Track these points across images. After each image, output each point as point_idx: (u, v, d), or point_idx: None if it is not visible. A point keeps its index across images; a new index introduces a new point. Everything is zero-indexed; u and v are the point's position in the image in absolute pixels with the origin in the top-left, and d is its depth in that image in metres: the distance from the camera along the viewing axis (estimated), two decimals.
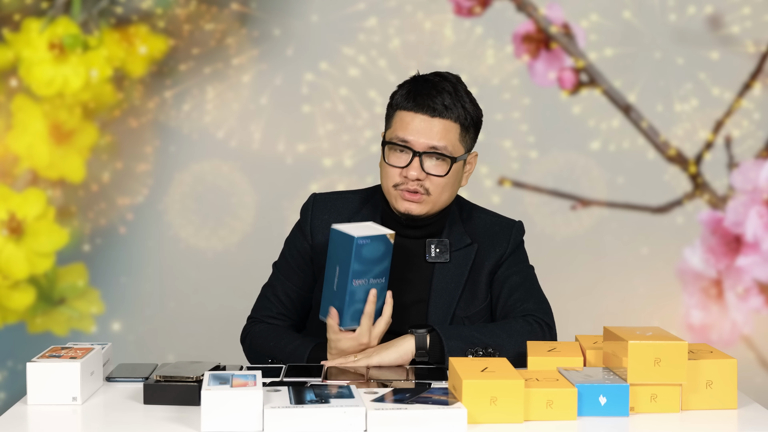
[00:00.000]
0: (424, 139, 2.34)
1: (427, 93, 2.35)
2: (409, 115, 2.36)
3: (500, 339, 2.27)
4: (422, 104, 2.35)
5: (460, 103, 2.36)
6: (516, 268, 2.47)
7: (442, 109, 2.34)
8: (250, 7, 3.87)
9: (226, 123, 3.89)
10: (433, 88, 2.36)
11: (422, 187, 2.35)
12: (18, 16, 3.85)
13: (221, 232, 3.90)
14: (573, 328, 2.67)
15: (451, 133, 2.35)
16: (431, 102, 2.34)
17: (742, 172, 3.91)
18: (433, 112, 2.34)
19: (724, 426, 1.92)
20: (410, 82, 2.41)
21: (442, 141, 2.34)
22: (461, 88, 2.40)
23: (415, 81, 2.40)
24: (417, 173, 2.34)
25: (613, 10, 3.90)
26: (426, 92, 2.36)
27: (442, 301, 2.42)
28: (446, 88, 2.36)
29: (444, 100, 2.34)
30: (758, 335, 3.94)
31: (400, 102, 2.39)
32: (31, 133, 3.87)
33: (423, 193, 2.36)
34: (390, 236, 2.22)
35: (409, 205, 2.37)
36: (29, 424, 1.88)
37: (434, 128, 2.34)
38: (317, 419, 1.78)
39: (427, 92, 2.36)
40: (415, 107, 2.35)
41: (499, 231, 2.49)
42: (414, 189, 2.35)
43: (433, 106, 2.34)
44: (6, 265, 3.87)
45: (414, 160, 2.34)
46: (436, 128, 2.34)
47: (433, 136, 2.34)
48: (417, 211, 2.37)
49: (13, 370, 3.89)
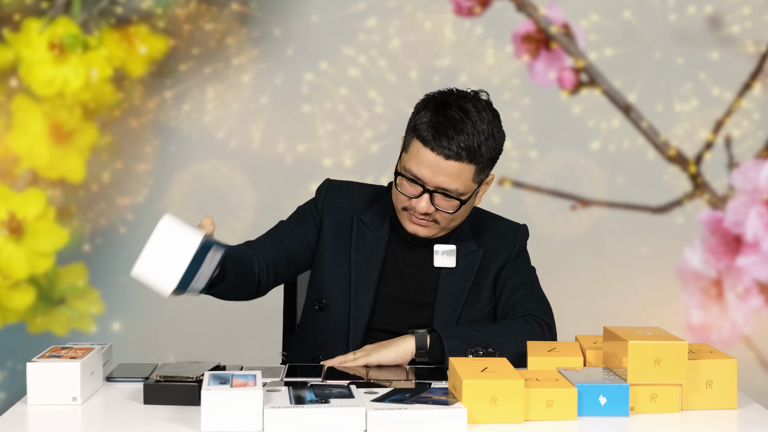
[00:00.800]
0: (436, 179, 2.28)
1: (445, 132, 2.26)
2: (425, 150, 2.28)
3: (500, 339, 2.27)
4: (439, 143, 2.26)
5: (478, 144, 2.27)
6: (518, 269, 2.48)
7: (458, 152, 2.26)
8: (250, 7, 3.87)
9: (226, 123, 3.89)
10: (453, 127, 2.26)
11: (431, 217, 2.35)
12: (18, 16, 3.85)
13: (221, 232, 3.88)
14: (573, 328, 2.67)
15: (464, 174, 2.29)
16: (447, 143, 2.26)
17: (742, 172, 3.91)
18: (448, 154, 2.26)
19: (724, 426, 1.92)
20: (433, 110, 2.30)
21: (454, 184, 2.29)
22: (485, 121, 2.30)
23: (438, 111, 2.29)
24: (426, 208, 2.32)
25: (613, 10, 3.90)
26: (444, 131, 2.26)
27: (448, 306, 2.43)
28: (466, 129, 2.27)
29: (461, 142, 2.26)
30: (758, 335, 3.94)
31: (419, 130, 2.29)
32: (31, 133, 3.87)
33: (431, 221, 2.36)
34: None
35: (416, 228, 2.37)
36: (29, 424, 1.88)
37: (447, 169, 2.28)
38: (317, 419, 1.78)
39: (445, 131, 2.26)
40: (432, 144, 2.27)
41: (505, 235, 2.50)
42: (422, 217, 2.35)
43: (449, 147, 2.26)
44: (6, 265, 3.87)
45: (424, 195, 2.31)
46: (449, 169, 2.28)
47: (444, 178, 2.28)
48: (424, 233, 2.38)
49: (13, 370, 3.89)
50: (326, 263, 2.46)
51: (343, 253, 2.45)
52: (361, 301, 2.43)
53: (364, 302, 2.43)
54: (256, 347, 3.70)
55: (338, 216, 2.47)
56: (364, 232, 2.45)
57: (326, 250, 2.46)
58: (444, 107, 2.30)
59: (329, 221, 2.46)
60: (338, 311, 2.44)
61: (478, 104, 2.32)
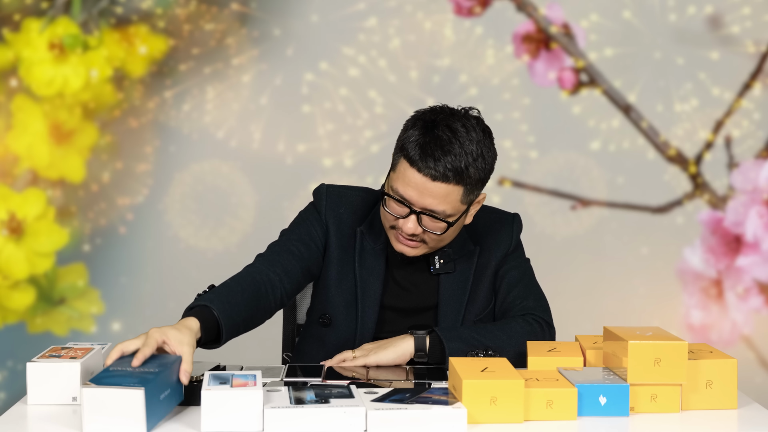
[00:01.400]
0: (423, 201, 2.24)
1: (432, 153, 2.20)
2: (411, 171, 2.23)
3: (500, 340, 2.26)
4: (425, 164, 2.21)
5: (466, 165, 2.22)
6: (515, 263, 2.47)
7: (444, 173, 2.21)
8: (250, 7, 3.87)
9: (226, 123, 3.89)
10: (440, 148, 2.21)
11: (418, 238, 2.31)
12: (18, 16, 3.85)
13: (221, 232, 3.90)
14: (573, 328, 2.67)
15: (452, 196, 2.24)
16: (434, 164, 2.20)
17: (742, 172, 3.91)
18: (435, 175, 2.21)
19: (724, 426, 1.92)
20: (421, 129, 2.25)
21: (441, 206, 2.24)
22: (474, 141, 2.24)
23: (426, 130, 2.24)
24: (413, 229, 2.27)
25: (613, 10, 3.90)
26: (431, 151, 2.21)
27: (451, 309, 2.42)
28: (453, 150, 2.21)
29: (448, 163, 2.20)
30: (758, 335, 3.94)
31: (407, 150, 2.24)
32: (31, 133, 3.87)
33: (419, 242, 2.32)
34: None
35: (404, 248, 2.33)
36: (29, 424, 1.88)
37: (434, 191, 2.23)
38: (317, 419, 1.78)
39: (432, 152, 2.20)
40: (419, 165, 2.22)
41: (499, 227, 2.47)
42: (410, 238, 2.30)
43: (435, 168, 2.20)
44: (6, 265, 3.87)
45: (410, 216, 2.26)
46: (436, 191, 2.23)
47: (431, 200, 2.24)
48: (411, 253, 2.34)
49: (13, 370, 3.89)
50: (332, 278, 2.42)
51: (347, 267, 2.41)
52: (367, 316, 2.41)
53: (370, 317, 2.41)
54: (256, 347, 3.69)
55: (342, 228, 2.42)
56: (365, 246, 2.41)
57: (332, 263, 2.42)
58: (432, 126, 2.24)
59: (334, 233, 2.42)
60: (344, 327, 2.42)
61: (468, 123, 2.25)
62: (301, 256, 2.36)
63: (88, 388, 1.75)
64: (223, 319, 2.07)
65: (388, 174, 2.33)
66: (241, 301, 2.16)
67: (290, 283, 2.31)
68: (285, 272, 2.30)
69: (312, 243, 2.39)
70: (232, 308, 2.11)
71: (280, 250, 2.36)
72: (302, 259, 2.36)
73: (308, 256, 2.38)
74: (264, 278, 2.25)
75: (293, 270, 2.33)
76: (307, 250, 2.38)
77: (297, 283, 2.35)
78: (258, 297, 2.22)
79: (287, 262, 2.33)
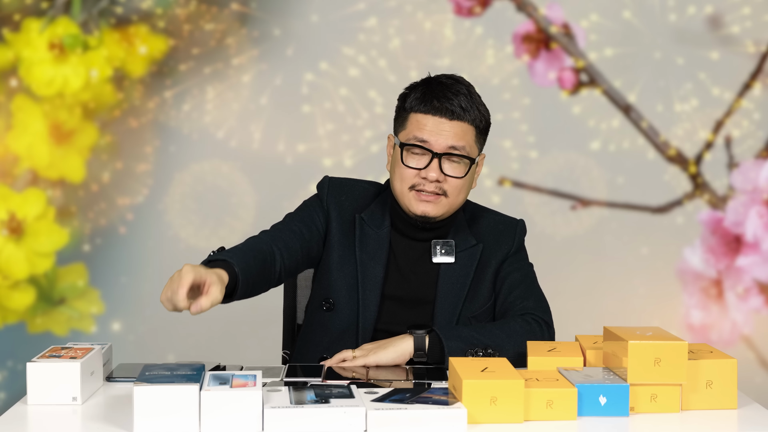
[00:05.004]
0: (444, 140, 2.35)
1: (444, 95, 2.36)
2: (427, 117, 2.36)
3: (500, 339, 2.27)
4: (440, 107, 2.36)
5: (476, 106, 2.38)
6: (517, 265, 2.49)
7: (460, 112, 2.35)
8: (250, 7, 3.87)
9: (226, 123, 3.89)
10: (449, 90, 2.37)
11: (440, 188, 2.37)
12: (18, 16, 3.85)
13: (221, 232, 3.90)
14: (573, 328, 2.67)
15: (468, 135, 2.37)
16: (449, 104, 2.35)
17: (742, 172, 3.91)
18: (451, 115, 2.35)
19: (724, 426, 1.92)
20: (423, 85, 2.41)
21: (461, 142, 2.36)
22: (474, 91, 2.41)
23: (429, 84, 2.40)
24: (436, 175, 2.35)
25: (613, 10, 3.90)
26: (442, 95, 2.36)
27: (448, 302, 2.43)
28: (461, 91, 2.37)
29: (461, 103, 2.36)
30: (758, 335, 3.94)
31: (414, 105, 2.39)
32: (31, 133, 3.87)
33: (441, 194, 2.37)
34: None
35: (426, 207, 2.38)
36: (29, 424, 1.88)
37: (453, 130, 2.35)
38: (317, 419, 1.78)
39: (443, 94, 2.36)
40: (433, 110, 2.36)
41: (503, 230, 2.51)
42: (432, 190, 2.36)
43: (451, 108, 2.35)
44: (6, 265, 3.87)
45: (433, 161, 2.35)
46: (454, 130, 2.35)
47: (452, 137, 2.35)
48: (434, 212, 2.38)
49: (13, 370, 3.89)
50: (334, 262, 2.46)
51: (348, 252, 2.45)
52: (369, 301, 2.42)
53: (372, 302, 2.42)
54: (256, 347, 3.70)
55: (343, 214, 2.47)
56: (366, 231, 2.45)
57: (333, 248, 2.46)
58: (432, 81, 2.40)
59: (335, 219, 2.47)
60: (346, 311, 2.44)
61: (464, 80, 2.42)
62: (303, 236, 2.43)
63: (141, 386, 1.78)
64: (241, 275, 2.14)
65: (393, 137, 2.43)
66: (253, 264, 2.23)
67: (290, 260, 2.38)
68: (286, 248, 2.37)
69: (313, 225, 2.46)
70: (248, 268, 2.19)
71: (283, 228, 2.44)
72: (303, 239, 2.42)
73: (309, 237, 2.44)
74: (268, 249, 2.32)
75: (294, 247, 2.39)
76: (308, 232, 2.44)
77: (296, 261, 2.41)
78: (265, 265, 2.29)
79: (289, 239, 2.40)
